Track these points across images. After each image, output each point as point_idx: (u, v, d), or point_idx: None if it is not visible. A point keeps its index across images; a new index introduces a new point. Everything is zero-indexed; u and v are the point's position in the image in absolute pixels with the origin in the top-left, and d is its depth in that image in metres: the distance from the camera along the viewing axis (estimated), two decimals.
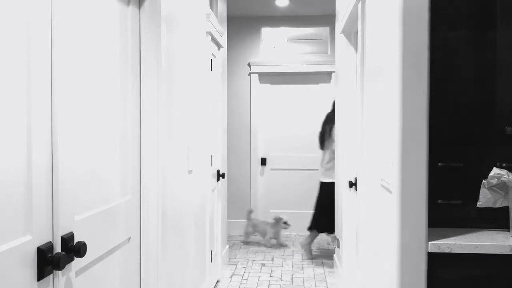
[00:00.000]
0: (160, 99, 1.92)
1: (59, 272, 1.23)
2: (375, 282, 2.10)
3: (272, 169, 5.58)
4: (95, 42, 1.48)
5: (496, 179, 1.70)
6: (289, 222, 4.79)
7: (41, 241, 1.16)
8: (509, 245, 1.58)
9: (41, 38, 1.16)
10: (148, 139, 1.90)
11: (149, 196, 1.91)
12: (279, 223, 4.75)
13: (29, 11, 1.11)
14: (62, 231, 1.24)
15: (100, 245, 1.51)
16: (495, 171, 1.71)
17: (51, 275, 1.19)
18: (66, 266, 1.25)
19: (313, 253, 4.56)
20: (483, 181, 1.74)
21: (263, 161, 5.58)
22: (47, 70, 1.18)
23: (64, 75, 1.26)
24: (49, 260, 1.16)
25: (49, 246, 1.17)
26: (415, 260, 1.62)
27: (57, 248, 1.22)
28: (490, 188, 1.73)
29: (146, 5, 1.89)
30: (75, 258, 1.27)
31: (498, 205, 1.73)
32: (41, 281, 1.14)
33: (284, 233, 5.47)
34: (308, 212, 5.47)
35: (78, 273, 1.36)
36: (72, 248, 1.26)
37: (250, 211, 4.95)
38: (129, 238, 1.78)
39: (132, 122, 1.82)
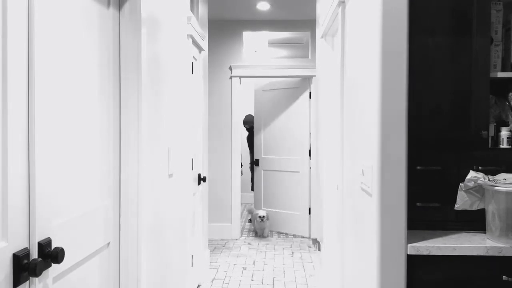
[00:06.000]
0: (139, 101, 1.90)
1: (36, 279, 1.20)
2: (355, 284, 2.11)
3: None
4: (73, 45, 1.46)
5: (473, 182, 1.74)
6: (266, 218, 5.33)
7: (17, 247, 1.13)
8: (485, 246, 1.62)
9: (18, 39, 1.13)
10: (128, 143, 1.88)
11: (128, 200, 1.88)
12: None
13: (5, 13, 1.08)
14: (39, 236, 1.21)
15: (79, 251, 1.48)
16: (471, 174, 1.75)
17: (27, 282, 1.16)
18: (43, 272, 1.22)
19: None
20: (460, 184, 1.78)
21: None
22: (24, 71, 1.16)
23: (40, 78, 1.23)
24: (25, 267, 1.13)
25: (26, 252, 1.14)
26: (395, 263, 1.64)
27: (34, 254, 1.19)
28: (467, 191, 1.76)
29: (126, 7, 1.87)
30: (52, 264, 1.24)
31: (474, 207, 1.77)
32: None
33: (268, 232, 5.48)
34: (289, 212, 5.49)
35: (55, 279, 1.33)
36: (50, 254, 1.23)
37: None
38: (108, 243, 1.75)
39: (112, 125, 1.79)
